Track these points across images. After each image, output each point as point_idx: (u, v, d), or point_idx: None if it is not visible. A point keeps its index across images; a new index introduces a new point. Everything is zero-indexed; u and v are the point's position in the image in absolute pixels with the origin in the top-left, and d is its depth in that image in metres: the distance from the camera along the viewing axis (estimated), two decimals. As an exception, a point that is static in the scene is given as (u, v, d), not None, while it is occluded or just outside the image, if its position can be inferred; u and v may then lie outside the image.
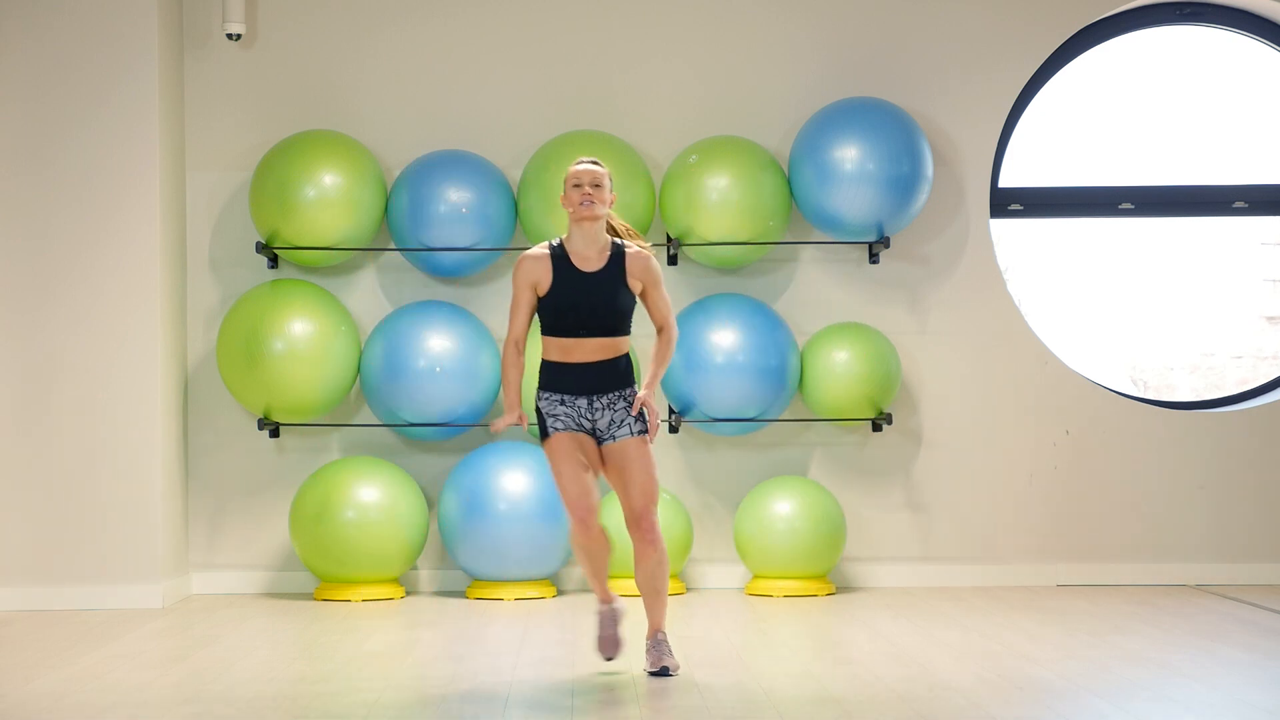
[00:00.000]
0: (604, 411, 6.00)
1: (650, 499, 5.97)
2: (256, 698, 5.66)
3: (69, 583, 7.88)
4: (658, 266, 6.07)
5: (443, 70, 8.53)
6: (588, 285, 5.97)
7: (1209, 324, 9.78)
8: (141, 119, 7.95)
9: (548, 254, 6.01)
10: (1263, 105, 9.25)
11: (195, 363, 8.43)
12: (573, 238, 6.02)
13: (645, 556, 5.98)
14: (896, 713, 5.37)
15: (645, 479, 5.97)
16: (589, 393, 5.99)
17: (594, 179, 5.98)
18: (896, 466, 8.55)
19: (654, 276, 6.06)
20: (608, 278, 5.99)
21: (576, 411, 6.00)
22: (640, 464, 5.98)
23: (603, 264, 6.00)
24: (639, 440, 6.00)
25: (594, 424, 6.01)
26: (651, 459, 6.01)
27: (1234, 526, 8.62)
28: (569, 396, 6.00)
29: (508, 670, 6.17)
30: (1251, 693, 5.71)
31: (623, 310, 6.02)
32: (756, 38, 8.57)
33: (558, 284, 5.98)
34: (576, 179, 5.99)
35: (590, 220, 5.98)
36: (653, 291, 6.08)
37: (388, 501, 7.97)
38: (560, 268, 5.99)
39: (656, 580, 6.01)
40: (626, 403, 6.01)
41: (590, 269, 5.99)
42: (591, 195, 5.96)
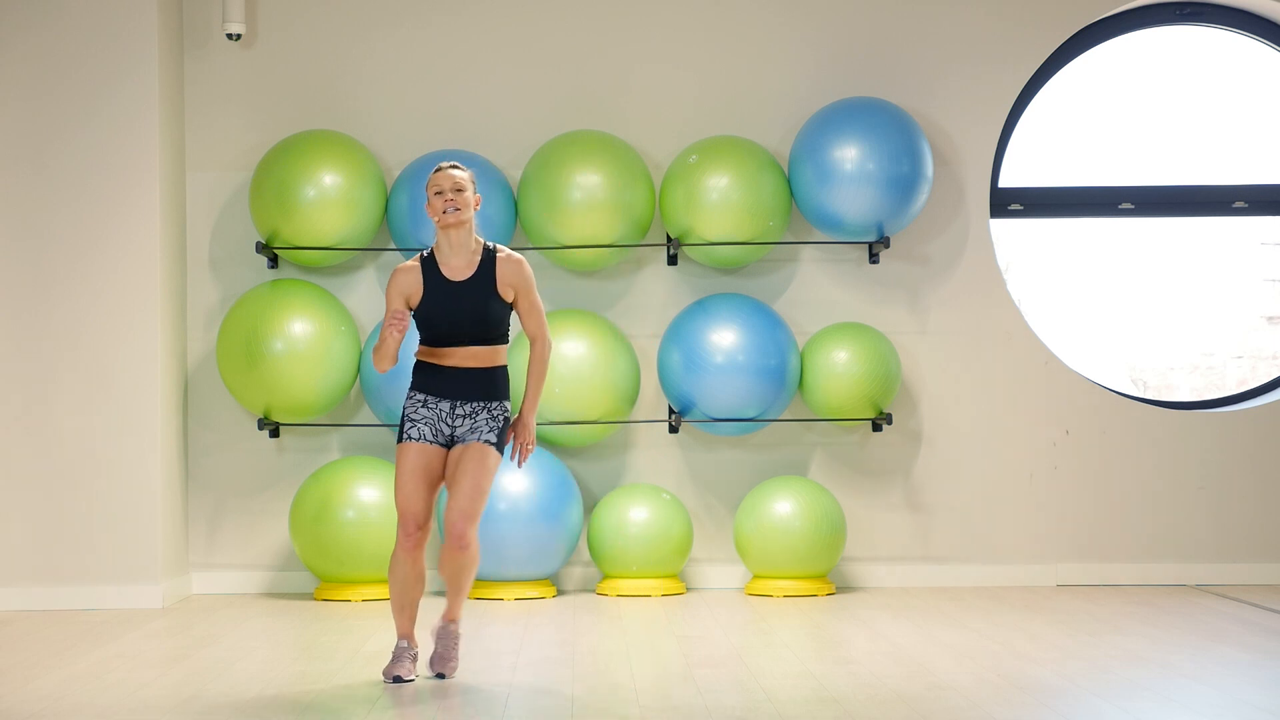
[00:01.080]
0: (464, 420, 5.94)
1: (467, 516, 5.85)
2: (256, 698, 5.66)
3: (69, 583, 7.88)
4: (529, 272, 5.98)
5: (443, 70, 8.53)
6: (458, 294, 5.90)
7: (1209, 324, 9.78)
8: (141, 119, 7.95)
9: (418, 265, 5.95)
10: (1263, 105, 9.24)
11: (195, 363, 8.43)
12: (441, 246, 5.95)
13: (451, 557, 5.91)
14: (896, 713, 5.37)
15: (471, 490, 5.86)
16: (453, 398, 5.93)
17: (455, 184, 5.89)
18: (896, 466, 8.55)
19: (525, 282, 5.97)
20: (478, 285, 5.91)
21: (437, 415, 5.93)
22: (471, 474, 5.87)
23: (473, 271, 5.93)
24: (481, 448, 5.90)
25: (452, 430, 5.95)
26: (486, 472, 5.89)
27: (1234, 526, 8.62)
28: (433, 399, 5.93)
29: (508, 670, 6.17)
30: (1251, 693, 5.71)
31: (494, 318, 5.93)
32: (756, 38, 8.57)
33: (428, 295, 5.91)
34: (437, 186, 5.90)
35: (455, 227, 5.90)
36: (523, 299, 5.98)
37: (388, 501, 7.97)
38: (430, 278, 5.92)
39: (460, 578, 5.94)
40: (489, 415, 5.93)
41: (459, 278, 5.92)
42: (454, 200, 5.88)
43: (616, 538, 8.09)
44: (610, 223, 8.16)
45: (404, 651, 5.97)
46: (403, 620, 5.99)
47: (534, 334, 6.04)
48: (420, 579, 5.96)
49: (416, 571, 5.94)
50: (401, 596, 5.96)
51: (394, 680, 5.91)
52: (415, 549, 5.91)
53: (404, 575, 5.93)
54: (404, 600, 5.96)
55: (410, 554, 5.91)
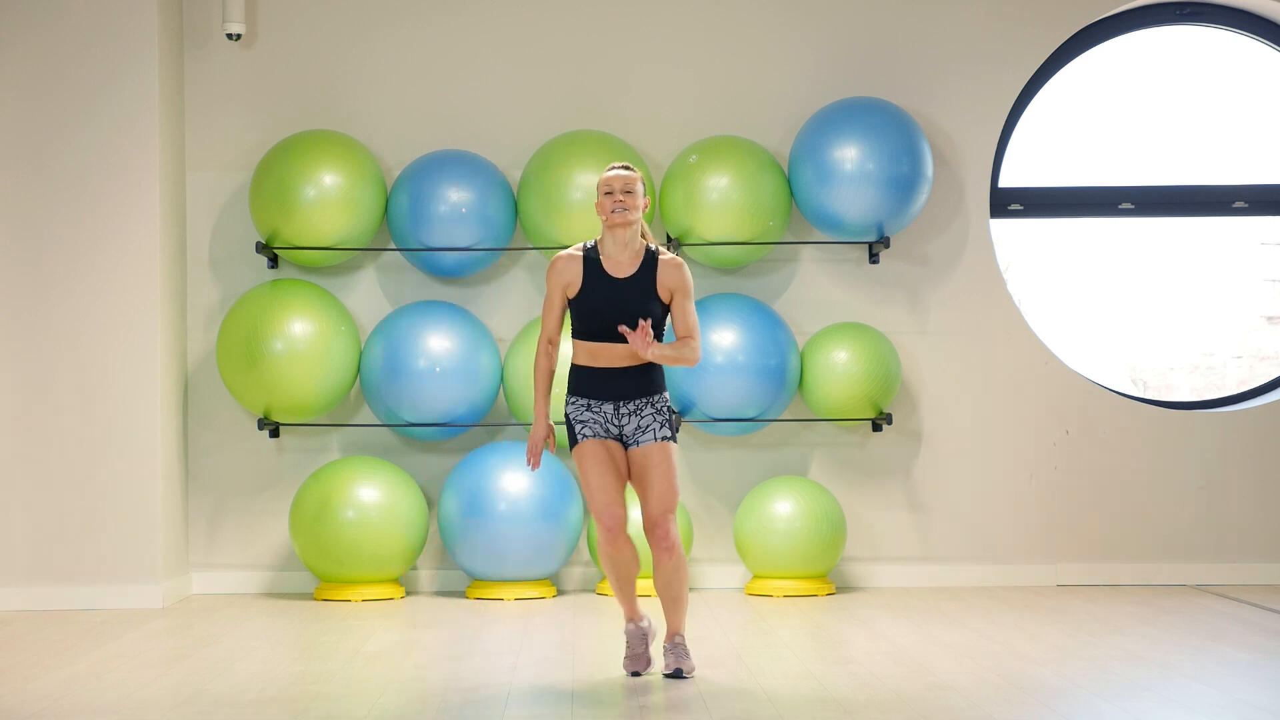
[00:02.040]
0: (630, 418, 5.97)
1: (667, 506, 5.92)
2: (256, 698, 5.66)
3: (69, 583, 7.88)
4: (689, 277, 6.02)
5: (443, 70, 8.53)
6: (618, 290, 5.94)
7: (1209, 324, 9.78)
8: (141, 119, 7.95)
9: (580, 256, 5.99)
10: (1263, 105, 9.25)
11: (195, 363, 8.43)
12: (605, 242, 5.99)
13: (662, 563, 5.96)
14: (896, 713, 5.37)
15: (664, 485, 5.93)
16: (616, 398, 5.96)
17: (625, 185, 5.93)
18: (896, 466, 8.55)
19: (684, 286, 6.01)
20: (638, 284, 5.96)
21: (603, 417, 5.97)
22: (661, 470, 5.94)
23: (635, 270, 5.96)
24: (662, 446, 5.96)
25: (620, 430, 5.98)
26: (673, 466, 5.96)
27: (1234, 526, 8.62)
28: (595, 402, 5.97)
29: (508, 670, 6.17)
30: (1251, 693, 5.71)
31: (654, 316, 5.97)
32: (756, 38, 8.57)
33: (587, 287, 5.95)
34: (608, 185, 5.95)
35: (622, 227, 5.95)
36: (681, 301, 6.01)
37: (388, 501, 7.97)
38: (591, 271, 5.96)
39: (673, 586, 5.98)
40: (654, 409, 5.98)
41: (621, 274, 5.96)
42: (624, 202, 5.92)
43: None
44: (610, 223, 8.15)
45: (634, 634, 6.06)
46: (625, 602, 6.07)
47: (684, 334, 6.05)
48: (634, 559, 6.00)
49: (628, 554, 5.98)
50: (618, 579, 6.02)
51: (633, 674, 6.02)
52: (619, 540, 5.94)
53: (614, 560, 5.98)
54: (621, 582, 6.03)
55: (615, 542, 5.94)
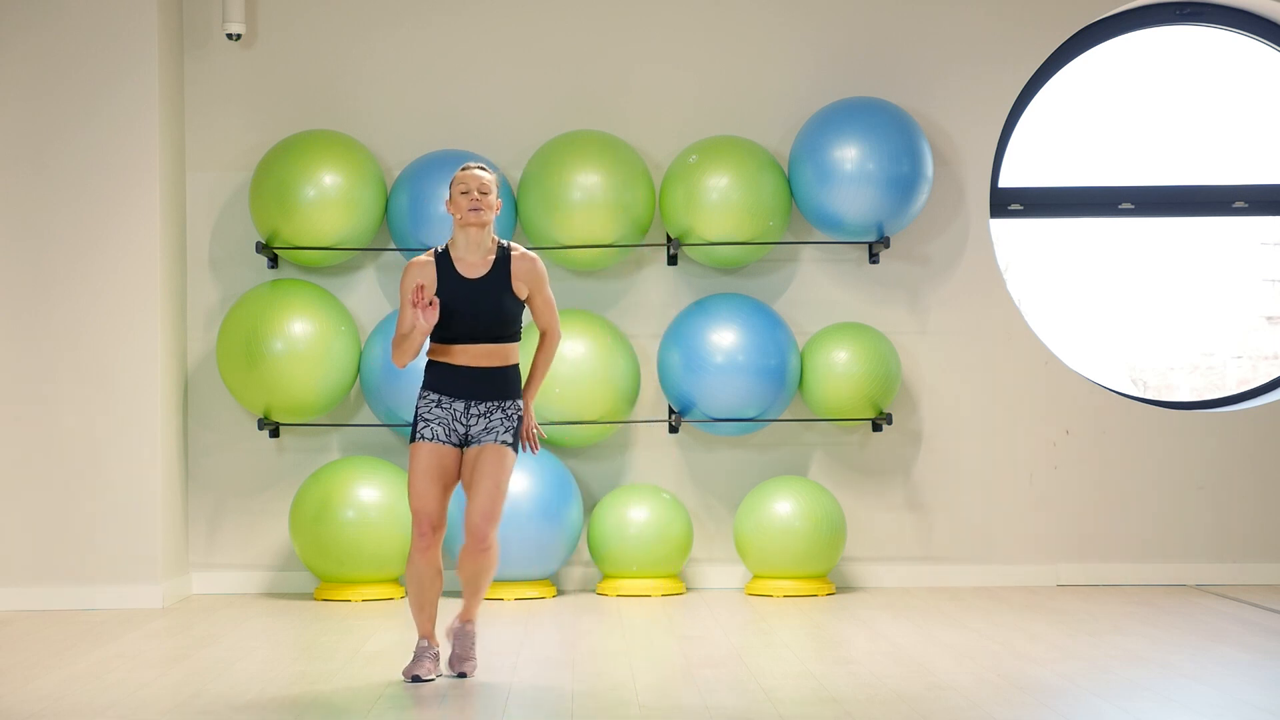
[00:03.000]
0: (479, 419, 5.93)
1: (488, 517, 5.86)
2: (256, 698, 5.66)
3: (69, 583, 7.88)
4: (543, 269, 6.00)
5: (443, 70, 8.53)
6: (472, 291, 5.90)
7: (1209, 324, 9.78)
8: (141, 119, 7.95)
9: (432, 261, 5.95)
10: (1263, 105, 9.24)
11: (195, 363, 8.43)
12: (457, 243, 5.95)
13: (472, 559, 5.91)
14: (896, 713, 5.37)
15: (491, 490, 5.87)
16: (468, 397, 5.92)
17: (482, 185, 5.91)
18: (896, 466, 8.55)
19: (539, 279, 5.99)
20: (492, 283, 5.92)
21: (451, 415, 5.92)
22: (490, 475, 5.87)
23: (487, 269, 5.93)
24: (498, 449, 5.90)
25: (467, 429, 5.94)
26: (504, 472, 5.90)
27: (1234, 526, 8.62)
28: (446, 399, 5.92)
29: (508, 670, 6.17)
30: (1251, 693, 5.71)
31: (508, 316, 5.94)
32: (756, 38, 8.57)
33: (442, 291, 5.91)
34: (464, 185, 5.91)
35: (478, 227, 5.92)
36: (537, 295, 6.00)
37: (388, 501, 7.97)
38: (445, 273, 5.92)
39: (479, 578, 5.95)
40: (504, 414, 5.93)
41: (474, 275, 5.92)
42: (480, 202, 5.89)
43: (616, 538, 8.10)
44: (610, 223, 8.16)
45: (425, 651, 5.97)
46: (422, 619, 5.99)
47: (546, 327, 6.07)
48: (437, 576, 5.95)
49: (433, 570, 5.93)
50: (419, 596, 5.95)
51: (413, 680, 5.91)
52: (430, 549, 5.91)
53: (420, 574, 5.93)
54: (422, 599, 5.95)
55: (425, 554, 5.90)
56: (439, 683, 5.93)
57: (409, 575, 5.95)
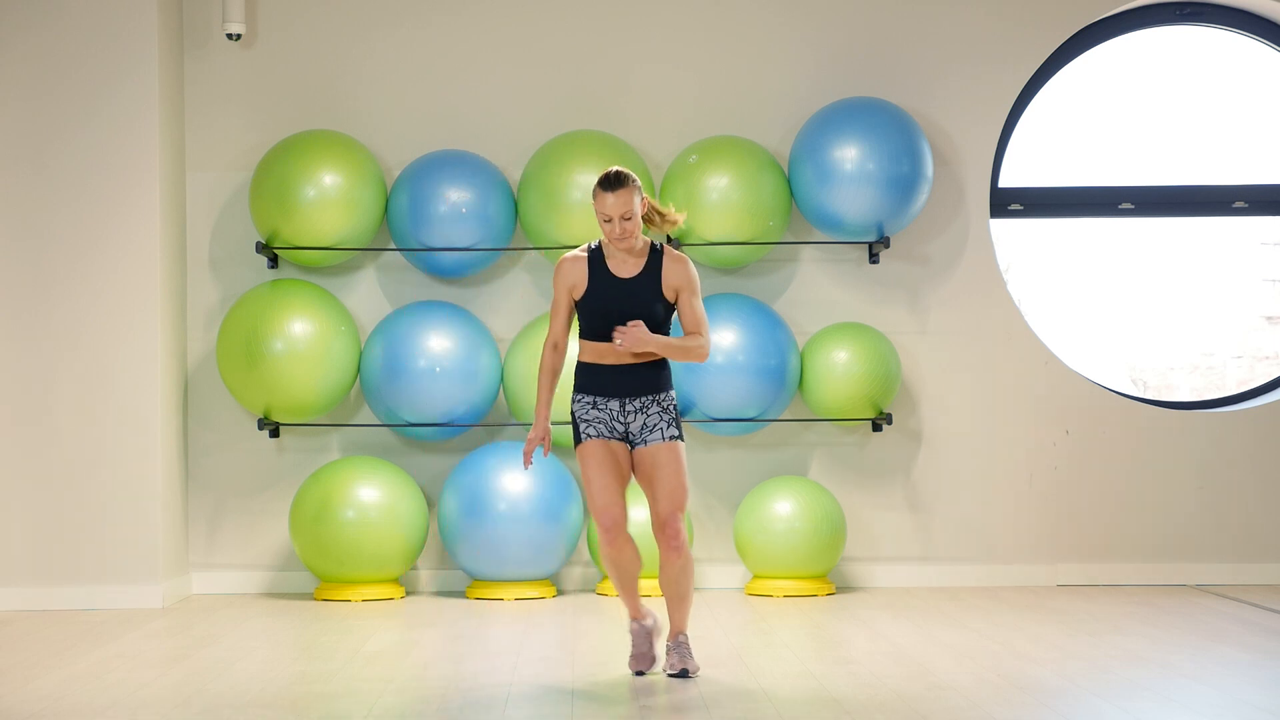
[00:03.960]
0: (636, 415, 5.95)
1: (677, 505, 5.90)
2: (256, 698, 5.66)
3: (69, 583, 7.88)
4: (694, 273, 5.99)
5: (443, 70, 8.53)
6: (623, 290, 5.91)
7: (1209, 324, 9.78)
8: (141, 119, 7.95)
9: (585, 257, 5.96)
10: (1263, 105, 9.25)
11: (195, 363, 8.43)
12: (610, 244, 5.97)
13: (669, 562, 5.94)
14: (896, 713, 5.37)
15: (674, 484, 5.91)
16: (621, 396, 5.94)
17: (624, 212, 5.85)
18: (896, 466, 8.55)
19: (690, 283, 5.98)
20: (643, 283, 5.93)
21: (609, 415, 5.95)
22: (669, 469, 5.91)
23: (639, 269, 5.94)
24: (671, 445, 5.93)
25: (626, 428, 5.96)
26: (681, 464, 5.93)
27: (1234, 526, 8.62)
28: (601, 399, 5.94)
29: (508, 670, 6.17)
30: (1251, 693, 5.71)
31: (657, 316, 5.95)
32: (756, 38, 8.57)
33: (593, 288, 5.93)
34: (605, 214, 5.88)
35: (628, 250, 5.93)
36: (687, 298, 5.98)
37: (388, 501, 7.97)
38: (596, 272, 5.94)
39: (680, 585, 5.97)
40: (661, 408, 5.95)
41: (626, 274, 5.93)
42: (625, 230, 5.87)
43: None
44: (610, 223, 8.15)
45: (639, 632, 6.04)
46: (629, 601, 6.05)
47: (693, 330, 6.00)
48: (636, 558, 5.98)
49: (629, 553, 5.96)
50: (620, 577, 6.00)
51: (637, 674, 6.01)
52: (618, 541, 5.92)
53: (617, 561, 5.96)
54: (623, 581, 6.02)
55: (615, 542, 5.92)
56: (440, 683, 5.92)
57: (606, 566, 6.00)
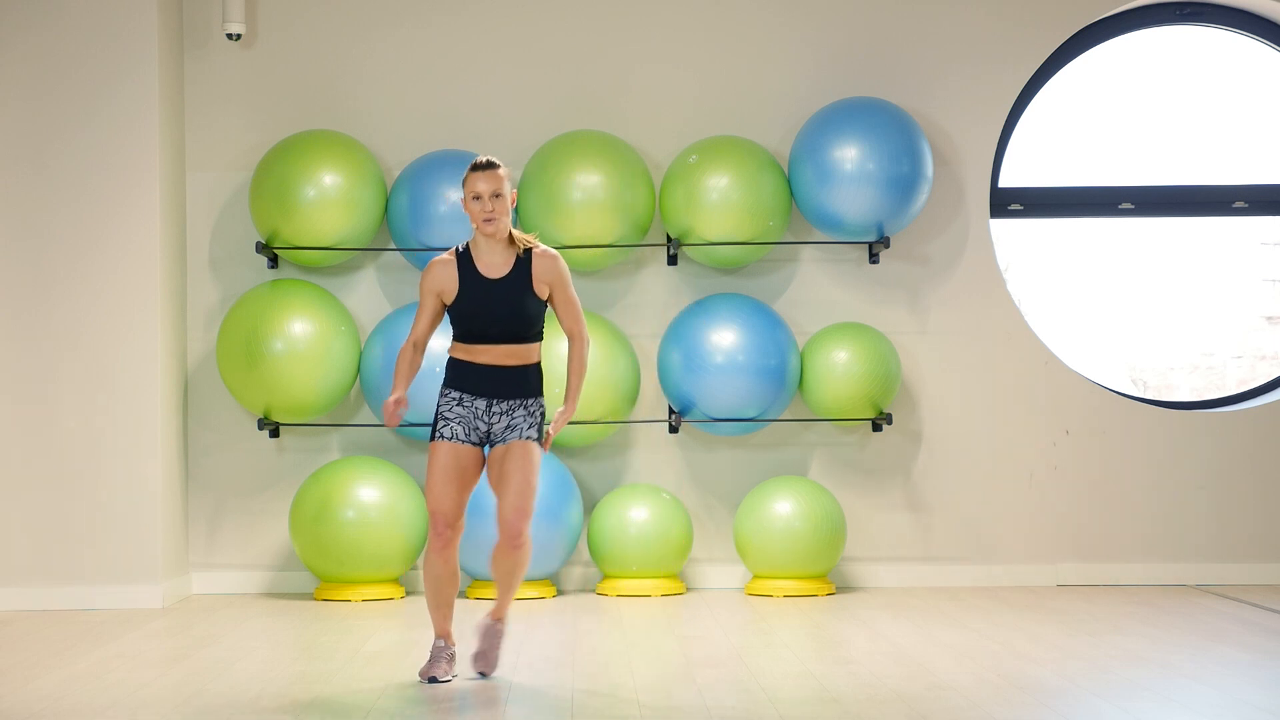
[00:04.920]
0: (501, 417, 5.90)
1: (521, 512, 5.82)
2: (256, 698, 5.66)
3: (69, 583, 7.88)
4: (565, 268, 5.93)
5: (443, 70, 8.54)
6: (493, 292, 5.86)
7: (1209, 324, 9.78)
8: (141, 119, 7.95)
9: (454, 260, 5.91)
10: (1263, 105, 9.25)
11: (195, 363, 8.43)
12: (478, 243, 5.91)
13: (505, 555, 5.88)
14: (896, 713, 5.37)
15: (522, 484, 5.83)
16: (490, 396, 5.89)
17: (493, 189, 5.83)
18: (896, 466, 8.55)
19: (561, 278, 5.93)
20: (514, 283, 5.88)
21: (473, 413, 5.89)
22: (520, 471, 5.84)
23: (509, 268, 5.89)
24: (524, 445, 5.86)
25: (489, 427, 5.91)
26: (534, 468, 5.85)
27: (1234, 526, 8.62)
28: (468, 396, 5.90)
29: (508, 670, 6.17)
30: (1251, 693, 5.71)
31: (530, 316, 5.89)
32: (756, 38, 8.57)
33: (464, 292, 5.88)
34: (475, 190, 5.84)
35: (491, 236, 5.87)
36: (559, 294, 5.94)
37: (388, 501, 7.98)
38: (466, 274, 5.89)
39: (511, 576, 5.92)
40: (526, 411, 5.90)
41: (495, 275, 5.88)
42: (493, 211, 5.83)
43: (616, 538, 8.10)
44: (610, 223, 8.16)
45: (441, 651, 5.95)
46: (439, 619, 5.96)
47: (571, 330, 6.00)
48: (454, 576, 5.92)
49: (450, 569, 5.90)
50: (437, 595, 5.92)
51: (430, 680, 5.89)
52: (447, 548, 5.87)
53: (438, 574, 5.90)
54: (439, 599, 5.93)
55: (442, 553, 5.87)
56: (440, 684, 5.92)
57: (426, 575, 5.92)
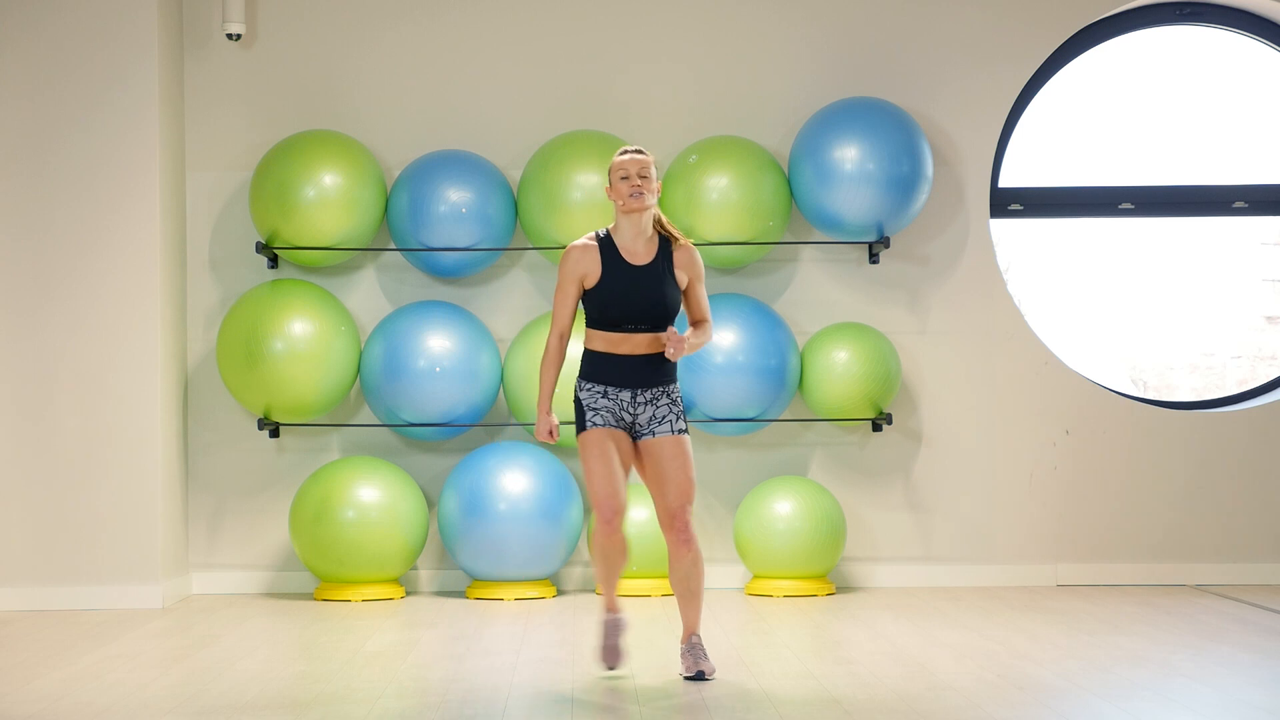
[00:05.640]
0: (646, 407, 5.92)
1: (686, 498, 5.89)
2: (256, 698, 5.66)
3: (69, 583, 7.88)
4: (701, 261, 6.01)
5: (443, 70, 8.54)
6: (636, 278, 5.89)
7: (1209, 324, 9.78)
8: (141, 119, 7.95)
9: (596, 245, 5.93)
10: (1263, 105, 9.25)
11: (195, 363, 8.43)
12: (620, 229, 5.93)
13: (680, 557, 5.91)
14: (896, 713, 5.37)
15: (682, 478, 5.89)
16: (633, 386, 5.91)
17: (641, 169, 5.87)
18: (896, 466, 8.55)
19: (699, 270, 6.00)
20: (656, 271, 5.91)
21: (618, 405, 5.91)
22: (678, 462, 5.90)
23: (651, 257, 5.92)
24: (679, 439, 5.92)
25: (634, 418, 5.93)
26: (690, 458, 5.92)
27: (1234, 526, 8.62)
28: (612, 389, 5.91)
29: (508, 670, 6.17)
30: (1251, 693, 5.72)
31: (671, 304, 5.92)
32: (756, 38, 8.57)
33: (606, 277, 5.89)
34: (624, 170, 5.88)
35: (639, 211, 5.89)
36: (695, 286, 6.00)
37: (388, 501, 7.97)
38: (609, 260, 5.91)
39: (691, 581, 5.93)
40: (670, 400, 5.94)
41: (639, 262, 5.91)
42: (641, 186, 5.86)
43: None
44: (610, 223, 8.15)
45: (612, 625, 6.01)
46: (608, 592, 6.03)
47: (701, 318, 6.04)
48: (624, 551, 5.95)
49: (621, 546, 5.93)
50: (606, 568, 5.97)
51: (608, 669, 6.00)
52: (616, 533, 5.90)
53: (608, 551, 5.93)
54: (608, 572, 5.99)
55: (612, 537, 5.90)
56: (440, 683, 5.92)
57: (596, 553, 5.96)
